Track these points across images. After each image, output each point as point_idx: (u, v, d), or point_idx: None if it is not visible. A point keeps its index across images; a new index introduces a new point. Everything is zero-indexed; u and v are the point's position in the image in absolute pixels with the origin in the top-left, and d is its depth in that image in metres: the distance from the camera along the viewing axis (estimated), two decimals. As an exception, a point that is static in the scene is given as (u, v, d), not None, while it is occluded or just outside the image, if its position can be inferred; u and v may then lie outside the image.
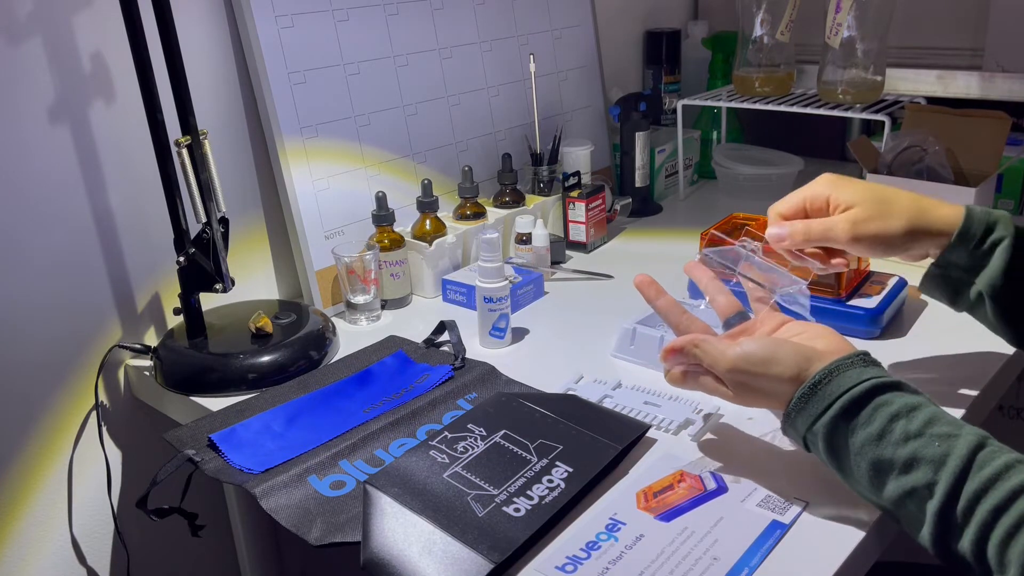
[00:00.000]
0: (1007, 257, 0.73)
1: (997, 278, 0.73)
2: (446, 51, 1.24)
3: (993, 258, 0.73)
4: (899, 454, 0.60)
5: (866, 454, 0.62)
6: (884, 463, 0.61)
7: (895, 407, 0.62)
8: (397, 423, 0.83)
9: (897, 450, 0.60)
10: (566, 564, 0.65)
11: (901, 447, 0.60)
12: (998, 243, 0.73)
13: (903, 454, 0.60)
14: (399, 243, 1.10)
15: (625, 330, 0.96)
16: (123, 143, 0.96)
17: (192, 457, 0.80)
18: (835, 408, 0.64)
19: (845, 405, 0.63)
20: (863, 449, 0.62)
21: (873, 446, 0.61)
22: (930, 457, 0.59)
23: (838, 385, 0.64)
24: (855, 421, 0.63)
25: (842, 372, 0.65)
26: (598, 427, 0.79)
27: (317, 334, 0.98)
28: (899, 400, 0.62)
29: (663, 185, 1.52)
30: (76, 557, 1.01)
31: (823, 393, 0.65)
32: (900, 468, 0.60)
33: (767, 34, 1.41)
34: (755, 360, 0.68)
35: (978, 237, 0.74)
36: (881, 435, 0.61)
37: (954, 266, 0.75)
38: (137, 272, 1.00)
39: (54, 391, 0.95)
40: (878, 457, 0.61)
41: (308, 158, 1.07)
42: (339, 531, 0.69)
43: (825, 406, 0.64)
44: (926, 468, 0.59)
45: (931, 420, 0.61)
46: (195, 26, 1.00)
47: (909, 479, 0.59)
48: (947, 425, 0.60)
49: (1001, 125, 1.14)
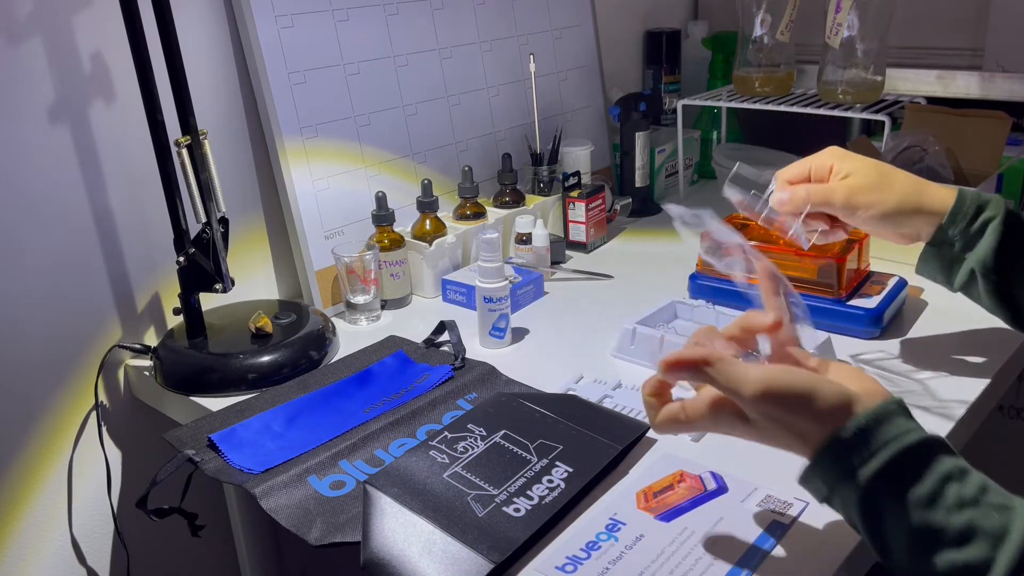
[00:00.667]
0: (998, 236, 0.75)
1: (988, 256, 0.76)
2: (446, 51, 1.24)
3: (984, 236, 0.76)
4: (953, 522, 0.53)
5: (911, 517, 0.54)
6: (934, 531, 0.53)
7: (947, 467, 0.54)
8: (397, 423, 0.83)
9: (951, 517, 0.53)
10: (566, 564, 0.65)
11: (955, 514, 0.53)
12: (989, 221, 0.76)
13: (958, 523, 0.53)
14: (399, 243, 1.10)
15: (625, 330, 0.96)
16: (123, 143, 0.96)
17: (192, 457, 0.80)
18: (881, 460, 0.55)
19: (894, 457, 0.55)
20: (909, 512, 0.54)
21: (922, 509, 0.53)
22: (988, 530, 0.52)
23: (886, 434, 0.55)
24: (903, 478, 0.54)
25: (890, 420, 0.56)
26: (598, 427, 0.79)
27: (317, 334, 0.98)
28: (949, 460, 0.55)
29: (663, 185, 1.52)
30: (76, 557, 1.01)
31: (869, 441, 0.55)
32: (954, 539, 0.53)
33: (767, 34, 1.41)
34: (795, 391, 0.57)
35: (970, 216, 0.77)
36: (933, 498, 0.53)
37: (947, 244, 0.79)
38: (137, 272, 1.00)
39: (54, 391, 0.95)
40: (926, 523, 0.53)
41: (308, 158, 1.07)
42: (339, 531, 0.69)
43: (869, 455, 0.55)
44: (983, 543, 0.52)
45: (985, 487, 0.54)
46: (195, 26, 1.00)
47: (963, 554, 0.52)
48: (999, 495, 0.55)
49: (1001, 125, 1.14)
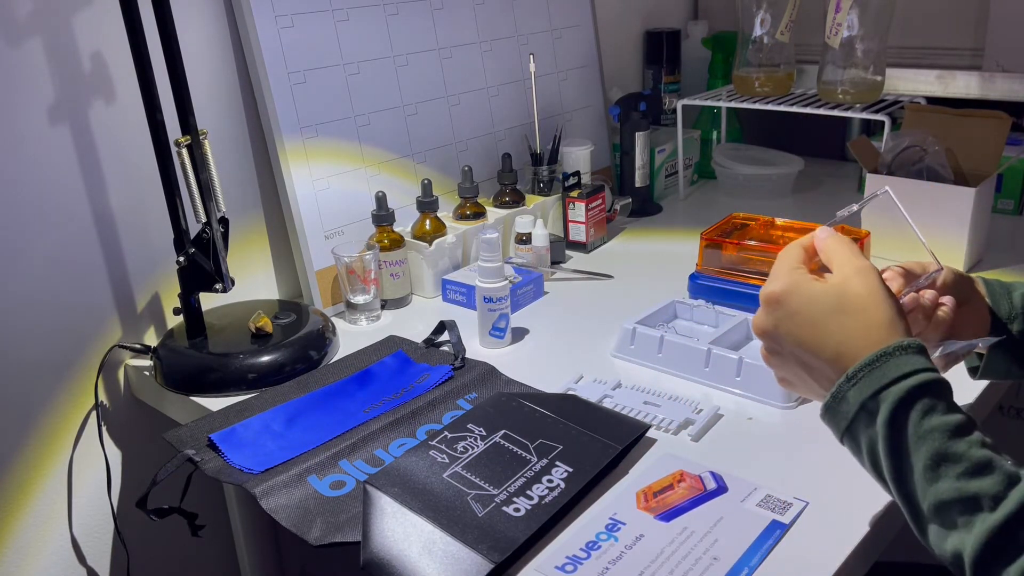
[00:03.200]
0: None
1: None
2: (446, 51, 1.24)
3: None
4: (973, 453, 0.54)
5: (933, 440, 0.55)
6: (952, 456, 0.54)
7: (975, 424, 0.57)
8: (397, 423, 0.83)
9: (971, 449, 0.54)
10: (566, 564, 0.65)
11: (977, 448, 0.55)
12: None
13: (978, 455, 0.54)
14: (399, 243, 1.10)
15: (625, 330, 0.96)
16: (123, 143, 0.96)
17: (192, 457, 0.80)
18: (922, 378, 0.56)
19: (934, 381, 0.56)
20: (931, 434, 0.55)
21: (944, 436, 0.55)
22: (1006, 470, 0.54)
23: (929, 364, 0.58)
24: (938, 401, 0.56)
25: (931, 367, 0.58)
26: (598, 427, 0.79)
27: (317, 334, 0.98)
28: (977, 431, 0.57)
29: (663, 185, 1.52)
30: (76, 557, 1.01)
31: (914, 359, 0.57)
32: (969, 469, 0.54)
33: (767, 34, 1.41)
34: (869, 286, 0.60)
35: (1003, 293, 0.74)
36: (959, 429, 0.55)
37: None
38: (137, 272, 1.00)
39: (54, 391, 0.95)
40: (946, 449, 0.55)
41: (308, 158, 1.07)
42: (339, 531, 0.69)
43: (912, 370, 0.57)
44: (999, 478, 0.53)
45: (1003, 454, 0.56)
46: (195, 26, 1.00)
47: (975, 484, 0.53)
48: (1014, 463, 0.56)
49: (1001, 125, 1.14)
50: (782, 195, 1.52)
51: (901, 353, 0.57)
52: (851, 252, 0.63)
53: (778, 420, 0.84)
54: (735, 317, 0.98)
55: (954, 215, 1.10)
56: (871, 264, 0.62)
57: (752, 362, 0.86)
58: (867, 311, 0.60)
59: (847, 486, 0.70)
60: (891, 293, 0.61)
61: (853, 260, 0.62)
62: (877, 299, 0.60)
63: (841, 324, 0.60)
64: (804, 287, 0.62)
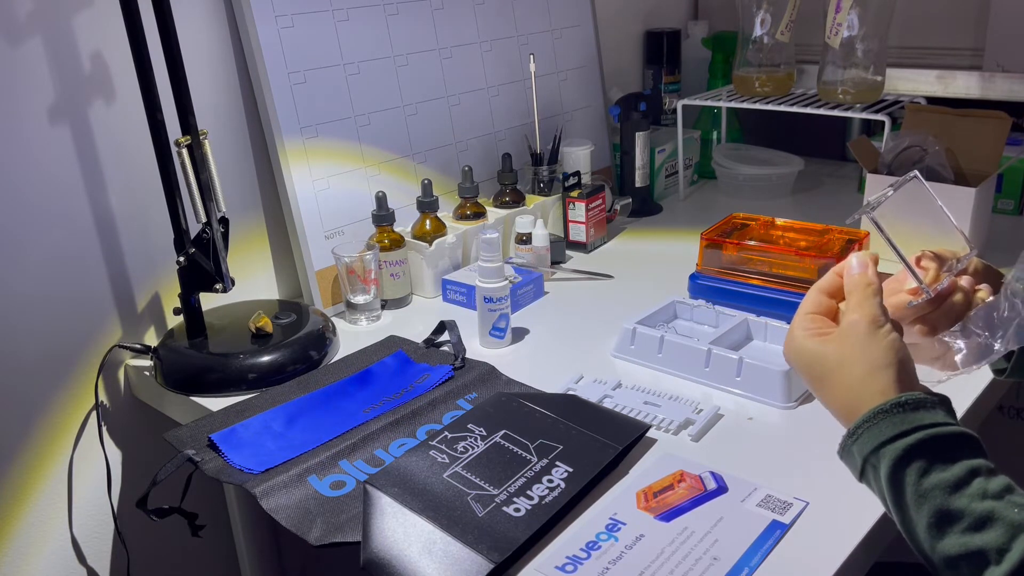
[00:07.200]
0: None
1: None
2: (446, 51, 1.24)
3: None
4: (974, 508, 0.55)
5: (933, 499, 0.56)
6: (953, 514, 0.55)
7: (978, 463, 0.57)
8: (397, 423, 0.83)
9: (972, 503, 0.55)
10: (566, 564, 0.65)
11: (977, 502, 0.55)
12: None
13: (978, 509, 0.55)
14: (399, 243, 1.10)
15: (625, 330, 0.96)
16: (123, 143, 0.96)
17: (192, 457, 0.80)
18: (919, 436, 0.57)
19: (932, 436, 0.57)
20: (931, 493, 0.56)
21: (944, 493, 0.56)
22: (1008, 520, 0.54)
23: (926, 419, 0.58)
24: (934, 460, 0.57)
25: (931, 409, 0.59)
26: (598, 427, 0.79)
27: (317, 334, 0.98)
28: (982, 460, 0.57)
29: (663, 185, 1.52)
30: (76, 557, 1.01)
31: (911, 416, 0.58)
32: (971, 524, 0.55)
33: (767, 34, 1.41)
34: (865, 334, 0.61)
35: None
36: (957, 485, 0.56)
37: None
38: (137, 272, 1.00)
39: (54, 391, 0.95)
40: (947, 507, 0.55)
41: (308, 158, 1.07)
42: (339, 531, 0.69)
43: (908, 428, 0.58)
44: (1001, 531, 0.54)
45: (1010, 487, 0.56)
46: (195, 26, 1.00)
47: (978, 538, 0.54)
48: (1022, 496, 0.56)
49: (1001, 125, 1.14)
50: (782, 195, 1.52)
51: (898, 411, 0.59)
52: (861, 297, 0.63)
53: (778, 420, 0.84)
54: (735, 317, 0.98)
55: (954, 215, 1.10)
56: (873, 306, 0.62)
57: (752, 362, 0.87)
58: (864, 361, 0.61)
59: (847, 486, 0.70)
60: (893, 327, 0.62)
61: (859, 307, 0.63)
62: (873, 346, 0.61)
63: (841, 380, 0.62)
64: (804, 351, 0.64)
